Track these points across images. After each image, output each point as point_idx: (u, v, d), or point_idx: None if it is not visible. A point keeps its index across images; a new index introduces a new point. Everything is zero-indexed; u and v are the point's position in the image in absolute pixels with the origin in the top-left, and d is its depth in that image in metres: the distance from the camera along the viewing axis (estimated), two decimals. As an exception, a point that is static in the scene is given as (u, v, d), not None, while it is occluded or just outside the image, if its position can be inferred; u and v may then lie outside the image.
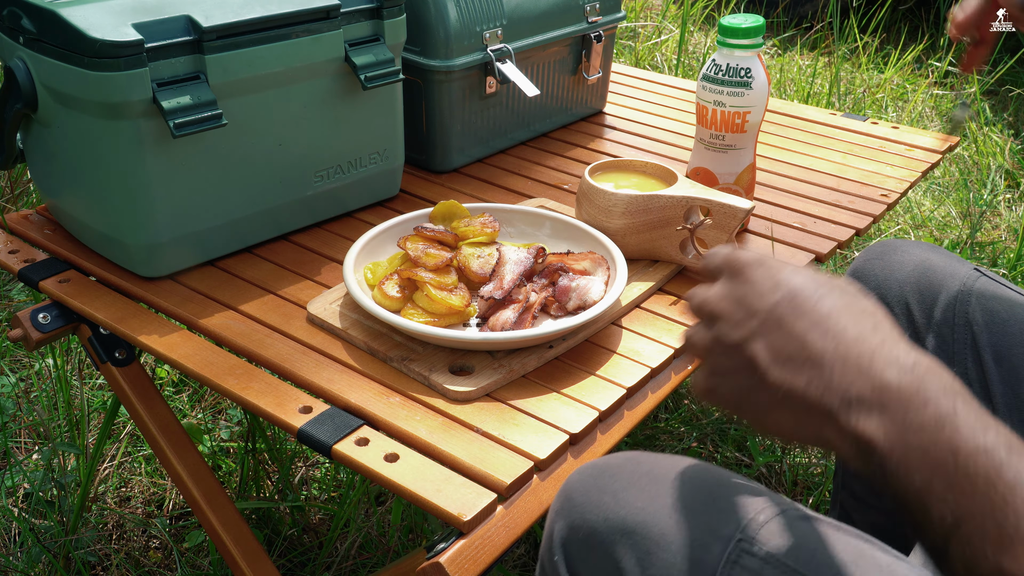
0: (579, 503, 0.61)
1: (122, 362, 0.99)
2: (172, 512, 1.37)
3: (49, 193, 1.06)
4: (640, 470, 0.62)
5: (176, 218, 0.95)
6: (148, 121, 0.89)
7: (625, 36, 3.10)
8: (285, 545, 1.28)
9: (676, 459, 0.64)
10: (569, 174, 1.27)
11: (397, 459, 0.73)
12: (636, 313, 0.94)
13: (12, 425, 1.48)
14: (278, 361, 0.85)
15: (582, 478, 0.63)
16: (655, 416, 1.57)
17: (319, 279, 0.99)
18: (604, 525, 0.59)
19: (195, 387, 1.59)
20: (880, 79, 2.88)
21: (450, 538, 0.68)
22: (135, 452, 1.45)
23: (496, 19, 1.20)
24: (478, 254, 0.92)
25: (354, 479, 1.34)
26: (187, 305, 0.93)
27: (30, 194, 1.90)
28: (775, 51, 3.24)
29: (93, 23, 0.86)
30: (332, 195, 1.08)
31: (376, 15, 1.03)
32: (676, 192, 0.97)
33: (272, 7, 0.94)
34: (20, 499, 1.36)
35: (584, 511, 0.61)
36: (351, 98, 1.05)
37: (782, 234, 1.11)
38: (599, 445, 0.79)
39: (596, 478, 0.62)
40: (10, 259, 1.03)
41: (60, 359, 1.44)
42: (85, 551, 1.27)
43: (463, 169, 1.27)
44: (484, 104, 1.24)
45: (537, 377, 0.83)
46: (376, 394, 0.80)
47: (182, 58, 0.89)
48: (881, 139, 1.41)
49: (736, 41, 1.03)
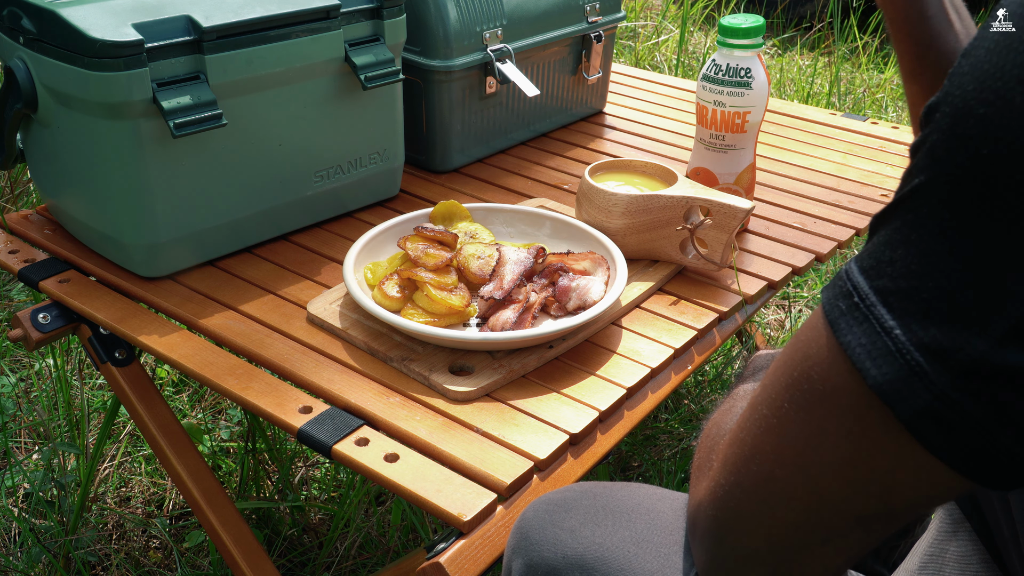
0: (536, 540, 0.60)
1: (122, 362, 0.99)
2: (172, 512, 1.37)
3: (49, 193, 1.06)
4: (596, 504, 0.61)
5: (176, 218, 0.95)
6: (148, 121, 0.89)
7: (625, 36, 3.10)
8: (285, 545, 1.28)
9: (632, 489, 0.63)
10: (569, 174, 1.27)
11: (397, 459, 0.73)
12: (636, 313, 0.94)
13: (12, 425, 1.48)
14: (278, 361, 0.85)
15: (537, 514, 0.62)
16: (655, 416, 1.57)
17: (319, 279, 0.99)
18: (563, 562, 0.58)
19: (195, 387, 1.59)
20: (880, 79, 2.88)
21: (450, 538, 0.68)
22: (135, 452, 1.45)
23: (496, 19, 1.20)
24: (478, 254, 0.92)
25: (354, 479, 1.34)
26: (187, 305, 0.93)
27: (30, 194, 1.90)
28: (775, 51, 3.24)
29: (93, 23, 0.86)
30: (332, 195, 1.08)
31: (376, 15, 1.03)
32: (676, 192, 0.96)
33: (272, 7, 0.94)
34: (20, 499, 1.36)
35: (541, 548, 0.60)
36: (351, 98, 1.05)
37: (782, 234, 1.11)
38: (599, 445, 0.79)
39: (552, 513, 0.61)
40: (10, 259, 1.03)
41: (60, 359, 1.44)
42: (85, 551, 1.27)
43: (463, 169, 1.27)
44: (484, 104, 1.24)
45: (537, 377, 0.83)
46: (376, 394, 0.80)
47: (182, 58, 0.89)
48: (881, 139, 1.41)
49: (736, 41, 1.03)
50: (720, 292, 0.97)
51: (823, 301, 0.45)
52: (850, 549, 0.48)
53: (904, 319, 0.40)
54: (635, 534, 0.58)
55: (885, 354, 0.40)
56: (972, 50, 0.40)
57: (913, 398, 0.40)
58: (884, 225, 0.42)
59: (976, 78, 0.39)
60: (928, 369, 0.39)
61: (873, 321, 0.41)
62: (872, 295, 0.41)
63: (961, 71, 0.40)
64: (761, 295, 0.99)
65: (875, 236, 0.43)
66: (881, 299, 0.41)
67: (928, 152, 0.40)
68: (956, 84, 0.40)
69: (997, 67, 0.38)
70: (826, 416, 0.44)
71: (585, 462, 0.77)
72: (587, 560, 0.58)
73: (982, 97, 0.38)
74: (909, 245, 0.40)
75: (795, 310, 1.89)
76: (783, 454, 0.46)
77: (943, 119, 0.40)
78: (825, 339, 0.44)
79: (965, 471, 0.40)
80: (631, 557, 0.57)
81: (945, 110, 0.40)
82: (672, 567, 0.56)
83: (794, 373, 0.46)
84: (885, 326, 0.40)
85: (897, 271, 0.41)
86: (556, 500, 0.63)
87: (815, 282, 1.96)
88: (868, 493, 0.44)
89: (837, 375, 0.43)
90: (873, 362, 0.41)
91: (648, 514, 0.60)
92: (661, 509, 0.60)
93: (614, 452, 1.36)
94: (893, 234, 0.41)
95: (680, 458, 1.46)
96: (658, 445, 1.51)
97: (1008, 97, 0.37)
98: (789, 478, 0.46)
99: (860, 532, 0.47)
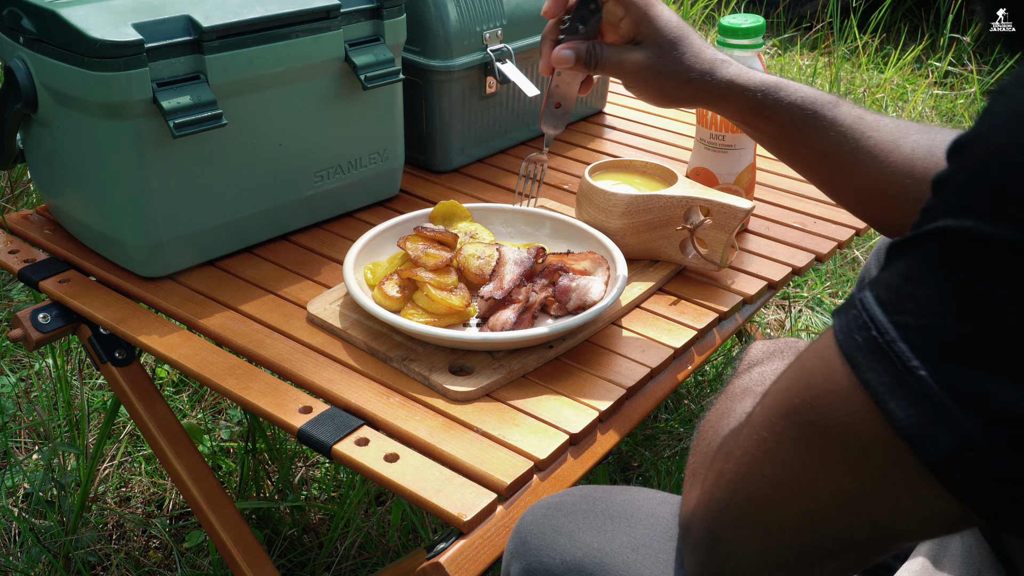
0: (535, 545, 0.60)
1: (122, 362, 0.99)
2: (172, 512, 1.37)
3: (49, 193, 1.06)
4: (595, 508, 0.61)
5: (176, 218, 0.95)
6: (148, 121, 0.89)
7: (625, 36, 3.10)
8: (285, 545, 1.28)
9: (632, 494, 0.63)
10: (569, 174, 1.27)
11: (397, 459, 0.73)
12: (636, 313, 0.94)
13: (12, 425, 1.48)
14: (278, 361, 0.85)
15: (536, 518, 0.62)
16: (655, 416, 1.57)
17: (319, 279, 0.99)
18: (561, 568, 0.58)
19: (195, 387, 1.59)
20: (880, 79, 2.88)
21: (450, 538, 0.68)
22: (135, 452, 1.45)
23: (496, 19, 1.20)
24: (478, 254, 0.92)
25: (354, 479, 1.34)
26: (187, 305, 0.93)
27: (30, 194, 1.90)
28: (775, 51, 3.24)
29: (93, 23, 0.86)
30: (332, 195, 1.08)
31: (376, 15, 1.03)
32: (676, 192, 0.96)
33: (272, 7, 0.94)
34: (20, 499, 1.36)
35: (540, 554, 0.59)
36: (351, 98, 1.05)
37: (782, 234, 1.11)
38: (599, 445, 0.79)
39: (550, 518, 0.61)
40: (10, 259, 1.03)
41: (60, 359, 1.44)
42: (85, 551, 1.27)
43: (463, 169, 1.27)
44: (484, 104, 1.24)
45: (537, 377, 0.83)
46: (376, 394, 0.80)
47: (182, 58, 0.89)
48: (881, 139, 1.41)
49: (736, 41, 1.03)
50: (720, 292, 0.97)
51: (836, 330, 0.43)
52: (842, 569, 0.48)
53: (929, 360, 0.39)
54: (634, 539, 0.58)
55: (911, 395, 0.39)
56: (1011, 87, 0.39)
57: (940, 441, 0.38)
58: (903, 256, 0.41)
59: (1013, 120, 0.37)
60: (957, 413, 0.38)
61: (894, 359, 0.40)
62: (892, 330, 0.40)
63: (997, 110, 0.39)
64: (761, 295, 0.99)
65: (893, 266, 0.41)
66: (902, 335, 0.39)
67: (955, 193, 0.39)
68: (990, 125, 0.39)
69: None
70: (829, 447, 0.43)
71: (585, 462, 0.77)
72: (586, 565, 0.57)
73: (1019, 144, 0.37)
74: (933, 285, 0.39)
75: (795, 310, 1.89)
76: (780, 479, 0.46)
77: (973, 160, 0.39)
78: (839, 372, 0.42)
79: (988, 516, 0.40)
80: (630, 563, 0.57)
81: (976, 151, 0.39)
82: (671, 573, 0.56)
83: (796, 400, 0.45)
84: (909, 365, 0.39)
85: (920, 309, 0.39)
86: (555, 504, 0.63)
87: (815, 282, 1.96)
88: (868, 523, 0.44)
89: (850, 410, 0.42)
90: (897, 403, 0.39)
91: (647, 519, 0.60)
92: (660, 514, 0.60)
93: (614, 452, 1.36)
94: (915, 270, 0.40)
95: (680, 458, 1.46)
96: (658, 445, 1.51)
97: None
98: (785, 504, 0.46)
99: (853, 554, 0.47)
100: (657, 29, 0.81)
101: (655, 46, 0.81)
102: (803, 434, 0.44)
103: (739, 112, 0.83)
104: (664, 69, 0.81)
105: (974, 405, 0.38)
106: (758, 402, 0.49)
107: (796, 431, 0.45)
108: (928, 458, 0.39)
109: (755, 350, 0.69)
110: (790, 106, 0.81)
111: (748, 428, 0.49)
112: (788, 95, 0.81)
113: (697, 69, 0.81)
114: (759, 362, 0.67)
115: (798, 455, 0.45)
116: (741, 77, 0.81)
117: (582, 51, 0.83)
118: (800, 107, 0.80)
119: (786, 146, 0.85)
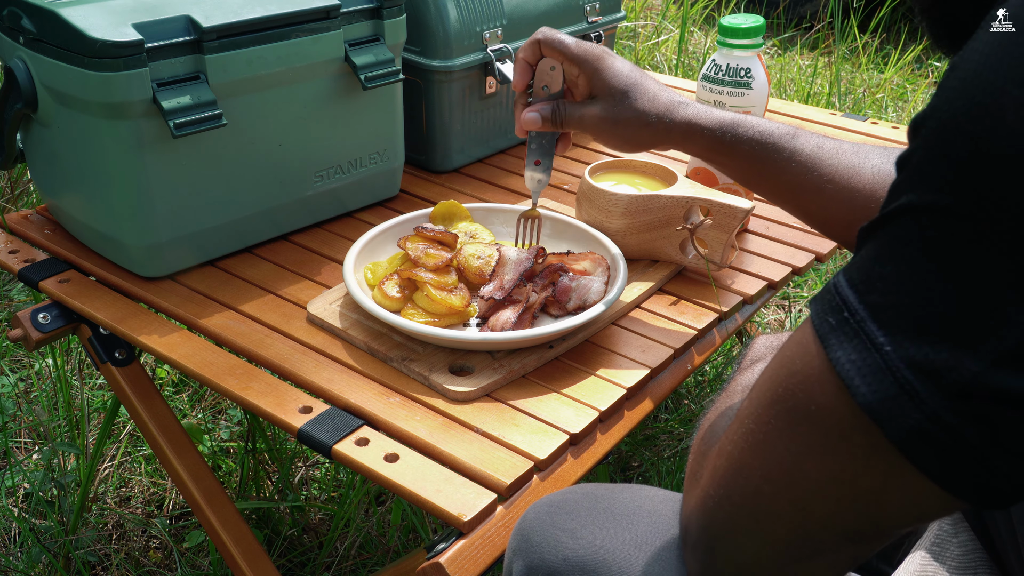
0: (537, 543, 0.60)
1: (122, 362, 0.99)
2: (172, 512, 1.37)
3: (49, 193, 1.06)
4: (598, 506, 0.61)
5: (176, 218, 0.95)
6: (148, 121, 0.89)
7: (625, 36, 3.10)
8: (285, 545, 1.28)
9: (634, 491, 0.63)
10: (569, 174, 1.27)
11: (397, 459, 0.73)
12: (636, 313, 0.94)
13: (12, 425, 1.48)
14: (278, 361, 0.85)
15: (538, 516, 0.62)
16: (655, 416, 1.57)
17: (319, 279, 0.99)
18: (563, 565, 0.58)
19: (195, 387, 1.59)
20: (880, 79, 2.88)
21: (450, 538, 0.68)
22: (135, 452, 1.45)
23: (496, 19, 1.20)
24: (478, 254, 0.92)
25: (354, 479, 1.34)
26: (187, 305, 0.93)
27: (30, 194, 1.90)
28: (775, 51, 3.24)
29: (93, 23, 0.86)
30: (332, 195, 1.08)
31: (376, 15, 1.03)
32: (676, 192, 0.96)
33: (272, 7, 0.94)
34: (20, 499, 1.36)
35: (542, 551, 0.60)
36: (351, 98, 1.05)
37: (782, 234, 1.11)
38: (599, 445, 0.79)
39: (553, 515, 0.61)
40: (10, 259, 1.03)
41: (60, 359, 1.44)
42: (85, 551, 1.27)
43: (463, 169, 1.27)
44: (484, 104, 1.24)
45: (537, 377, 0.83)
46: (376, 394, 0.80)
47: (182, 58, 0.89)
48: (881, 139, 1.41)
49: (736, 41, 1.03)
50: (720, 292, 0.97)
51: (811, 314, 0.44)
52: (841, 563, 0.48)
53: (895, 336, 0.39)
54: (636, 536, 0.58)
55: (875, 371, 0.39)
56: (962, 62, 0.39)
57: (904, 418, 0.39)
58: (872, 238, 0.42)
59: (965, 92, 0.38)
60: (920, 388, 0.38)
61: (864, 337, 0.40)
62: (863, 310, 0.40)
63: (949, 85, 0.39)
64: (761, 295, 0.99)
65: (863, 248, 0.42)
66: (872, 314, 0.40)
67: (915, 169, 0.40)
68: (944, 99, 0.39)
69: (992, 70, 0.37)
70: (812, 433, 0.43)
71: (585, 462, 0.77)
72: (588, 562, 0.58)
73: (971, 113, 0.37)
74: (899, 262, 0.39)
75: (795, 310, 1.89)
76: (769, 470, 0.46)
77: (929, 135, 0.39)
78: (813, 354, 0.43)
79: (957, 492, 0.40)
80: (632, 560, 0.57)
81: (932, 125, 0.39)
82: (673, 570, 0.56)
83: (779, 388, 0.45)
84: (876, 342, 0.40)
85: (888, 287, 0.40)
86: (557, 502, 0.63)
87: (815, 282, 1.96)
88: (856, 510, 0.44)
89: (824, 391, 0.42)
90: (863, 379, 0.40)
91: (649, 516, 0.60)
92: (662, 511, 0.60)
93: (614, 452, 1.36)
94: (882, 249, 0.41)
95: (680, 458, 1.46)
96: (658, 445, 1.51)
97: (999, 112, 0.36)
98: (776, 494, 0.46)
99: (850, 547, 0.46)
100: (606, 81, 0.85)
101: (608, 97, 0.86)
102: (787, 421, 0.45)
103: (702, 150, 0.86)
104: (620, 118, 0.85)
105: (936, 379, 0.38)
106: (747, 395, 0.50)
107: (781, 420, 0.45)
108: (894, 436, 0.39)
109: (758, 345, 0.69)
110: (749, 141, 0.83)
111: (737, 422, 0.49)
112: (746, 131, 0.84)
113: (653, 113, 0.84)
114: (761, 357, 0.67)
115: (783, 444, 0.45)
116: (700, 117, 0.84)
117: (547, 112, 0.89)
118: (759, 141, 0.83)
119: (752, 179, 0.88)
